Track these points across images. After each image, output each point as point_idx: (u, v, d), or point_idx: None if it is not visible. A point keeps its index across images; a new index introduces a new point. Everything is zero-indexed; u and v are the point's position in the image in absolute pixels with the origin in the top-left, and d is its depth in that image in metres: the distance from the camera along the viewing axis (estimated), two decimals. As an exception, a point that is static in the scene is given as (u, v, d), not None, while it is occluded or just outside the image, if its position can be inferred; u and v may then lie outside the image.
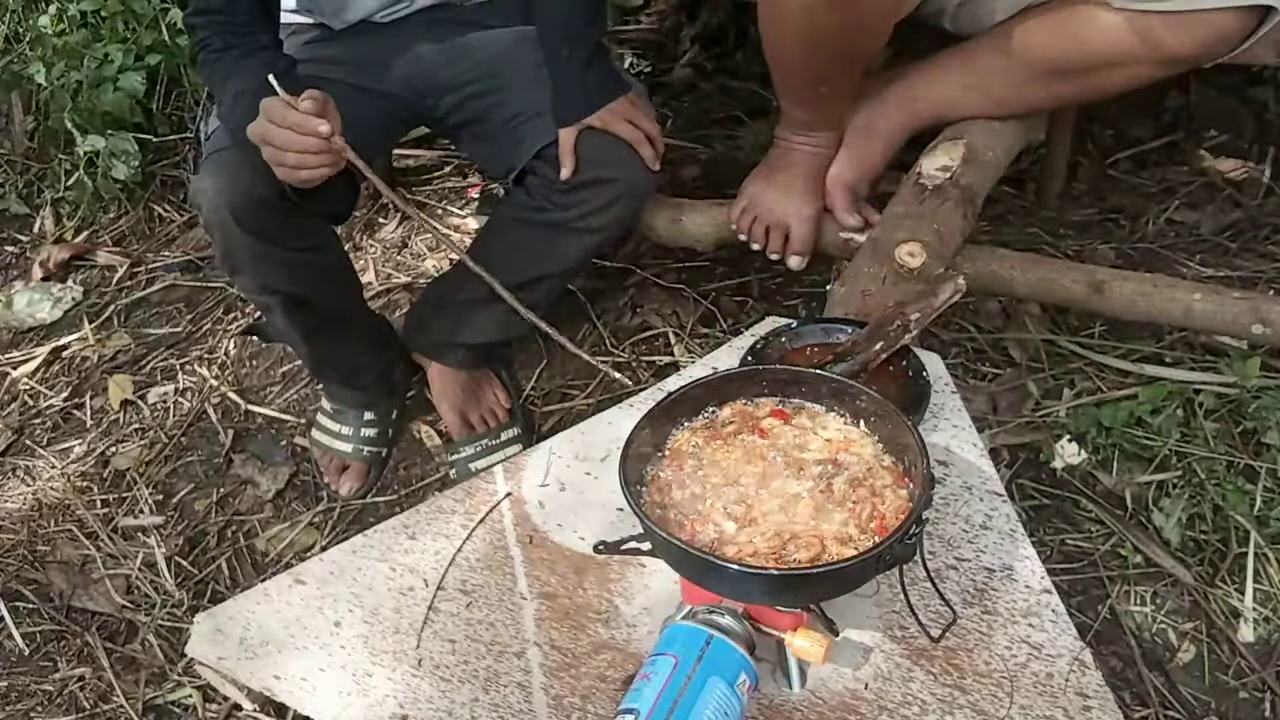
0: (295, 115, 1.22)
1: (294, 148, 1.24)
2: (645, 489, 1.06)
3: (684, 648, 0.97)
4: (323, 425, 1.75)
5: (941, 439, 1.27)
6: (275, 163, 1.27)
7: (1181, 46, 1.39)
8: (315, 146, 1.24)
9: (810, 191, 1.59)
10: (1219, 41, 1.37)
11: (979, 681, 1.05)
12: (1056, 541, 1.39)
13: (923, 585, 1.10)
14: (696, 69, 2.29)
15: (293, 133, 1.23)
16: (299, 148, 1.24)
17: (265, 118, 1.25)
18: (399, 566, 1.27)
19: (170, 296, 2.22)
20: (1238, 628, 1.28)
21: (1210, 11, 1.33)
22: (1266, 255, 1.71)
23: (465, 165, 2.29)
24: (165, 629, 1.57)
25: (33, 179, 2.60)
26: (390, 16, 1.57)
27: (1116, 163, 1.90)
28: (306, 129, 1.22)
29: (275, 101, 1.24)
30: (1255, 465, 1.38)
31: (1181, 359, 1.54)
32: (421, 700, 1.13)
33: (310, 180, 1.28)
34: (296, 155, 1.25)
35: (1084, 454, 1.44)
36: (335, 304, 1.60)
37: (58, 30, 2.43)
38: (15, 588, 1.69)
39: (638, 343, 1.81)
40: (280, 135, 1.24)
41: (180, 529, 1.73)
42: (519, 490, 1.32)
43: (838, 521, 0.98)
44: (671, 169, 2.02)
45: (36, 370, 2.11)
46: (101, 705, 1.50)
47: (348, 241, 2.17)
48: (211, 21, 1.38)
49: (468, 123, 1.62)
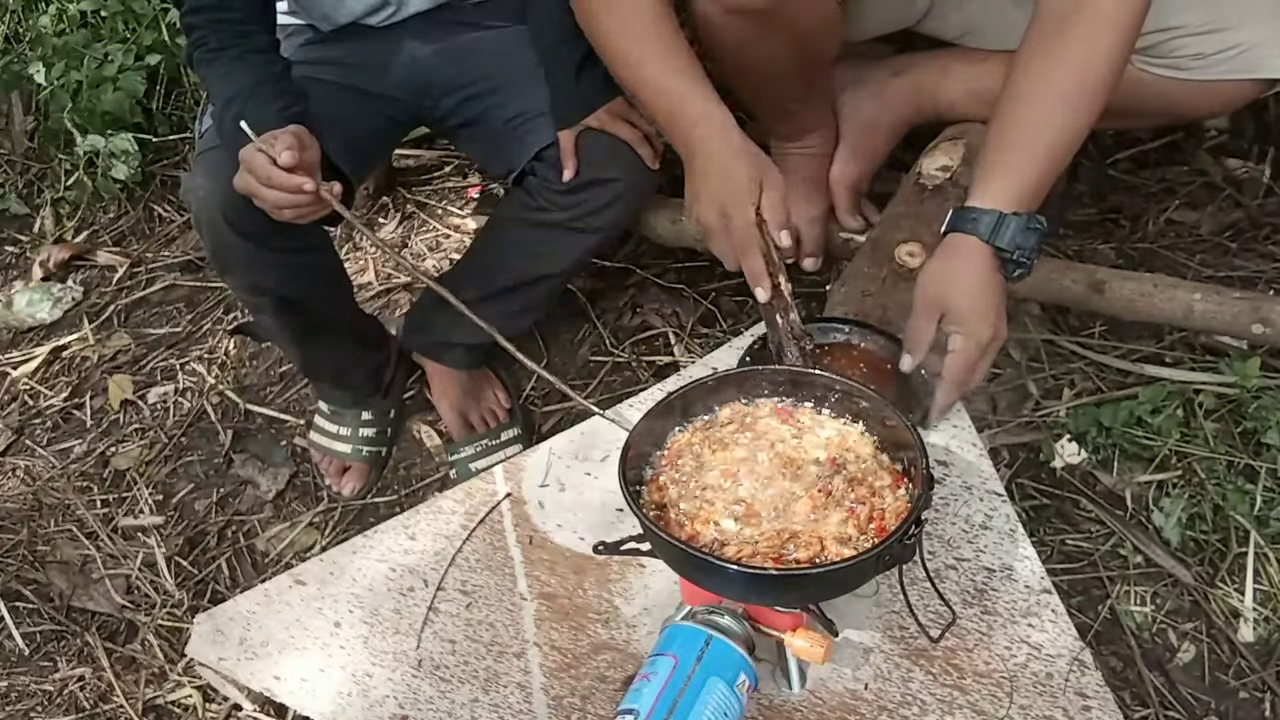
0: (280, 175, 1.22)
1: (285, 204, 1.25)
2: (645, 489, 1.06)
3: (684, 648, 0.97)
4: (320, 427, 1.75)
5: (941, 439, 1.27)
6: (268, 211, 1.28)
7: (1198, 110, 1.48)
8: (305, 201, 1.25)
9: (813, 193, 1.59)
10: (1236, 102, 1.44)
11: (979, 681, 1.05)
12: (1056, 541, 1.39)
13: (922, 585, 1.10)
14: (696, 69, 2.28)
15: (281, 193, 1.24)
16: (289, 204, 1.25)
17: (248, 171, 1.25)
18: (399, 567, 1.27)
19: (170, 296, 2.22)
20: (1238, 628, 1.28)
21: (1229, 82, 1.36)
22: (1266, 255, 1.71)
23: (465, 165, 2.29)
24: (165, 629, 1.57)
25: (33, 179, 2.60)
26: (384, 22, 1.57)
27: (1116, 163, 1.89)
28: (291, 187, 1.23)
29: (255, 154, 1.23)
30: (1255, 465, 1.38)
31: (1181, 359, 1.53)
32: (421, 700, 1.13)
33: (304, 222, 1.31)
34: (291, 211, 1.27)
35: (1084, 454, 1.44)
36: (326, 305, 1.60)
37: (58, 30, 2.43)
38: (15, 588, 1.69)
39: (638, 343, 1.81)
40: (270, 196, 1.24)
41: (180, 529, 1.73)
42: (519, 490, 1.32)
43: (837, 522, 0.98)
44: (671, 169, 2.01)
45: (36, 370, 2.11)
46: (101, 705, 1.50)
47: (347, 241, 2.17)
48: (207, 20, 1.38)
49: (467, 123, 1.62)
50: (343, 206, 1.28)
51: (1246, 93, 1.39)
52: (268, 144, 1.23)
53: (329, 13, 1.55)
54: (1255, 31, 1.32)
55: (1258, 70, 1.34)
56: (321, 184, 1.25)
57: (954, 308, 1.16)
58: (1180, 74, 1.37)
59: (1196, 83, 1.37)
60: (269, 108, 1.31)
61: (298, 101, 1.36)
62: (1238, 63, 1.34)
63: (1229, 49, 1.32)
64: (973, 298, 1.16)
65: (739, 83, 1.47)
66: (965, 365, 1.17)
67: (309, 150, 1.26)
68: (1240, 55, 1.33)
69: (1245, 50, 1.32)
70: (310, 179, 1.23)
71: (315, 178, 1.25)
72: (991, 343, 1.16)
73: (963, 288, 1.16)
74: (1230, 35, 1.32)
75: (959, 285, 1.16)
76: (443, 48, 1.59)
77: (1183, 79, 1.37)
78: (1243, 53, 1.32)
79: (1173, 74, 1.37)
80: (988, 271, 1.16)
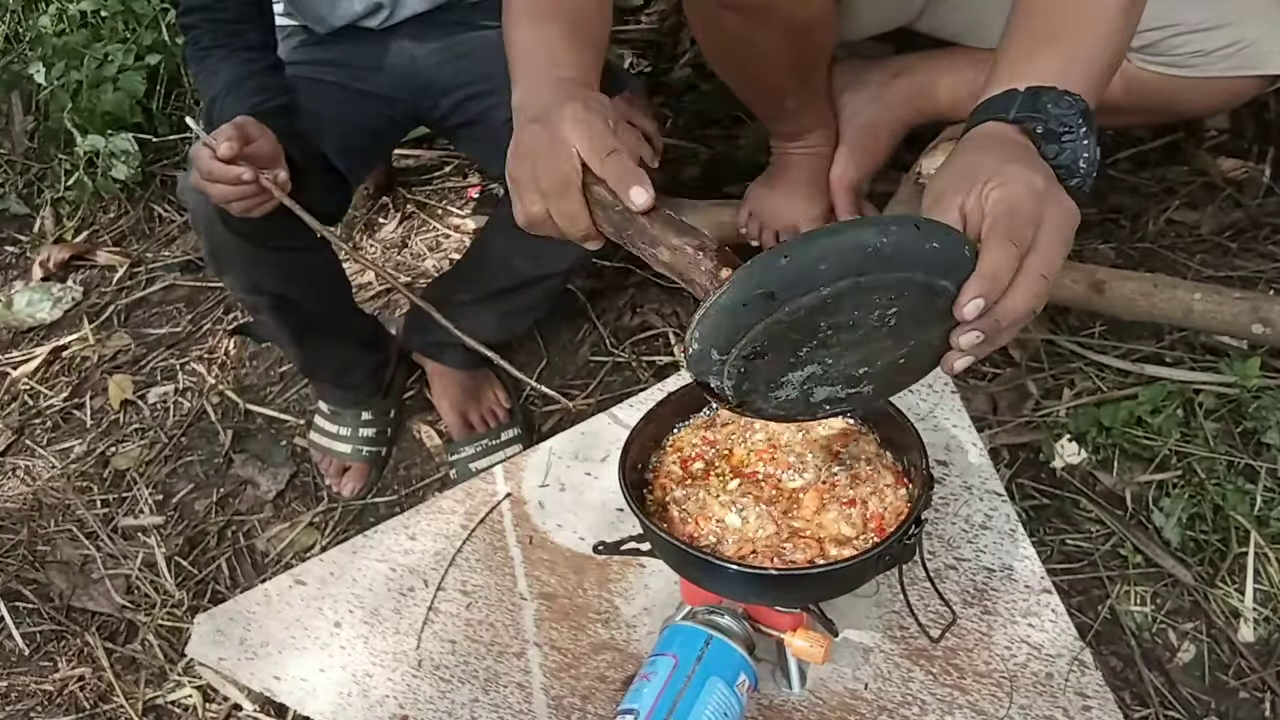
0: (218, 167, 1.20)
1: (232, 198, 1.24)
2: (645, 489, 1.06)
3: (684, 648, 0.97)
4: (320, 427, 1.75)
5: (941, 439, 1.27)
6: (223, 206, 1.27)
7: (1199, 108, 1.46)
8: (248, 192, 1.23)
9: (814, 194, 1.59)
10: (1237, 99, 1.42)
11: (979, 681, 1.05)
12: (1056, 541, 1.39)
13: (922, 585, 1.10)
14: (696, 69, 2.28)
15: (223, 186, 1.22)
16: (235, 197, 1.24)
17: (195, 169, 1.24)
18: (399, 567, 1.27)
19: (170, 296, 2.22)
20: (1238, 628, 1.28)
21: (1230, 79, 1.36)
22: (1266, 255, 1.71)
23: (465, 165, 2.29)
24: (165, 629, 1.57)
25: (33, 179, 2.60)
26: (381, 25, 1.57)
27: (1116, 163, 1.89)
28: (229, 179, 1.21)
29: (200, 149, 1.23)
30: (1255, 465, 1.38)
31: (1181, 359, 1.53)
32: (421, 700, 1.13)
33: (261, 214, 1.28)
34: (240, 204, 1.25)
35: (1084, 454, 1.44)
36: (324, 304, 1.60)
37: (58, 30, 2.43)
38: (15, 588, 1.69)
39: (638, 343, 1.81)
40: (215, 190, 1.23)
41: (180, 529, 1.73)
42: (519, 490, 1.32)
43: (837, 521, 0.98)
44: (671, 169, 2.02)
45: (36, 370, 2.11)
46: (101, 705, 1.50)
47: (347, 241, 2.17)
48: (201, 19, 1.38)
49: (466, 124, 1.62)
50: (289, 198, 1.24)
51: (1247, 89, 1.38)
52: (215, 139, 1.22)
53: (324, 15, 1.55)
54: (1255, 28, 1.32)
55: (1258, 67, 1.33)
56: (263, 173, 1.22)
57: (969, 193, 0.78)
58: (1180, 71, 1.36)
59: (1197, 80, 1.36)
60: (245, 103, 1.31)
61: (276, 97, 1.36)
62: (1238, 59, 1.33)
63: (1229, 46, 1.32)
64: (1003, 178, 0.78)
65: (736, 81, 1.47)
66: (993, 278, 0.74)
67: (259, 140, 1.24)
68: (1241, 52, 1.32)
69: (1246, 47, 1.32)
70: (249, 169, 1.21)
71: (273, 168, 1.23)
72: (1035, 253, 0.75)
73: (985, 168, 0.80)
74: (1230, 32, 1.32)
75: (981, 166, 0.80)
76: (441, 48, 1.59)
77: (1183, 76, 1.37)
78: (1243, 49, 1.32)
79: (1173, 71, 1.37)
80: (1019, 150, 0.82)
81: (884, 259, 0.71)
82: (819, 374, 0.80)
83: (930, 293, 0.74)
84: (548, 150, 0.88)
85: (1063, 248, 0.77)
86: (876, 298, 0.73)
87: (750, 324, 0.73)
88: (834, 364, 0.80)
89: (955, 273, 0.74)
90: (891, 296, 0.74)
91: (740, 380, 0.78)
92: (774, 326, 0.73)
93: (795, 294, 0.71)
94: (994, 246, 0.74)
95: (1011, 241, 0.74)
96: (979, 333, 0.75)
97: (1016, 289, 0.74)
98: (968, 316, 0.74)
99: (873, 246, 0.71)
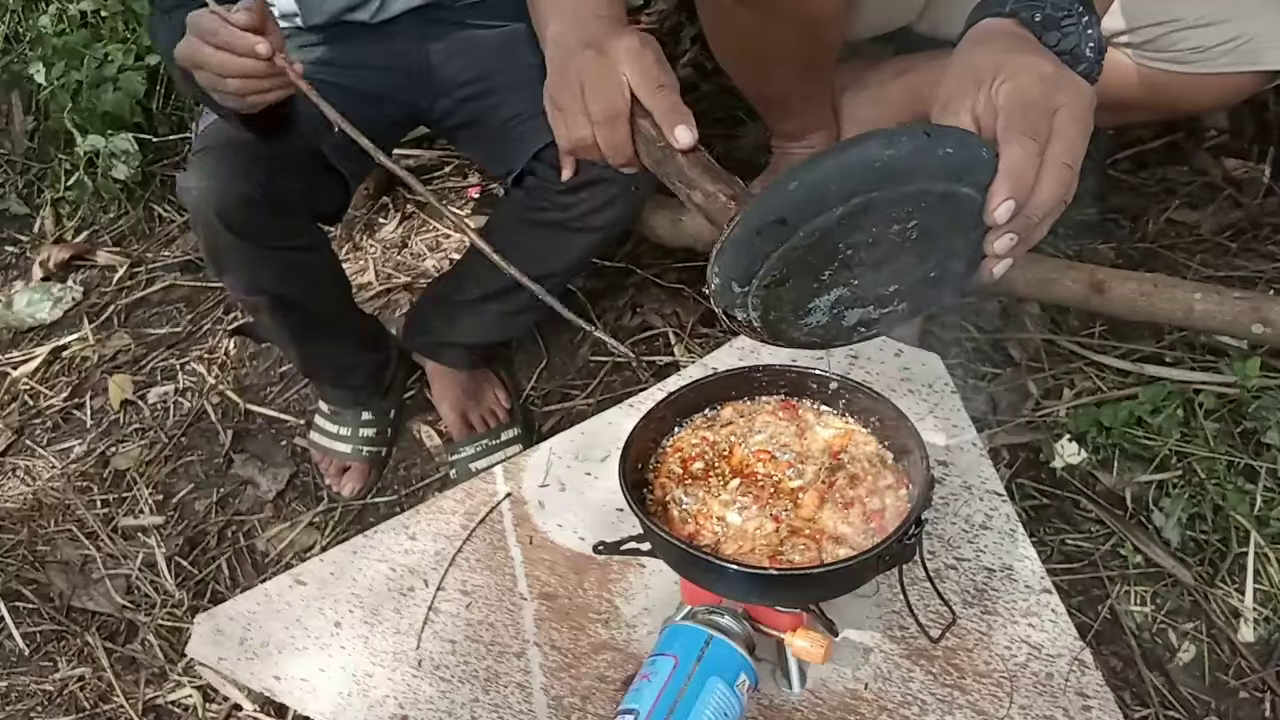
0: (228, 33, 1.06)
1: (231, 72, 1.08)
2: (646, 489, 1.06)
3: (684, 648, 0.97)
4: (321, 427, 1.75)
5: (941, 439, 1.27)
6: (212, 88, 1.12)
7: (1199, 104, 1.45)
8: (256, 70, 1.08)
9: None
10: (1237, 95, 1.41)
11: (979, 681, 1.05)
12: (1056, 541, 1.39)
13: (922, 585, 1.10)
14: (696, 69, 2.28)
15: (228, 54, 1.07)
16: (236, 71, 1.08)
17: (194, 34, 1.08)
18: (399, 567, 1.27)
19: (170, 296, 2.22)
20: (1238, 628, 1.28)
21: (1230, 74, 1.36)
22: (1266, 255, 1.71)
23: (465, 165, 2.29)
24: (165, 629, 1.57)
25: (33, 179, 2.60)
26: (376, 18, 1.57)
27: (1116, 163, 1.90)
28: (243, 49, 1.06)
29: (203, 14, 1.08)
30: (1255, 465, 1.38)
31: (1181, 359, 1.53)
32: (421, 700, 1.13)
33: (256, 106, 1.14)
34: (238, 81, 1.10)
35: (1084, 454, 1.44)
36: (324, 305, 1.59)
37: (58, 30, 2.43)
38: (15, 588, 1.69)
39: (638, 343, 1.81)
40: (215, 59, 1.07)
41: (180, 529, 1.73)
42: (519, 490, 1.32)
43: (836, 521, 0.98)
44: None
45: (36, 370, 2.11)
46: (101, 705, 1.50)
47: (347, 241, 2.17)
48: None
49: (466, 124, 1.62)
50: (309, 85, 1.07)
51: (1247, 85, 1.38)
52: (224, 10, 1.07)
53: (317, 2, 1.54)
54: (1255, 23, 1.32)
55: (1258, 62, 1.33)
56: (281, 54, 1.07)
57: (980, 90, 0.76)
58: (1180, 67, 1.36)
59: (1197, 76, 1.36)
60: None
61: None
62: (1238, 55, 1.33)
63: (1229, 41, 1.32)
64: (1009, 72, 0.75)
65: (746, 78, 1.47)
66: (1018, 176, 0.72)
67: (273, 29, 1.09)
68: (1240, 47, 1.32)
69: (1245, 42, 1.32)
70: (264, 42, 1.05)
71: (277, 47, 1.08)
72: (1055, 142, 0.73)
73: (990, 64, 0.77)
74: (1230, 27, 1.32)
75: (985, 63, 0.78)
76: (440, 48, 1.59)
77: (1183, 72, 1.36)
78: (1243, 45, 1.32)
79: (1173, 67, 1.36)
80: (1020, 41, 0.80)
81: (895, 172, 0.70)
82: (848, 296, 0.79)
83: (951, 200, 0.73)
84: (600, 76, 0.88)
85: (1083, 130, 0.74)
86: (893, 212, 0.72)
87: (767, 252, 0.73)
88: (861, 284, 0.78)
89: (974, 176, 0.72)
90: (909, 209, 0.72)
91: (766, 310, 0.78)
92: (791, 253, 0.73)
93: (807, 217, 0.71)
94: (1013, 143, 0.72)
95: (1029, 135, 0.72)
96: (1013, 234, 0.74)
97: (1043, 183, 0.72)
98: (1000, 220, 0.72)
99: (880, 160, 0.70)
